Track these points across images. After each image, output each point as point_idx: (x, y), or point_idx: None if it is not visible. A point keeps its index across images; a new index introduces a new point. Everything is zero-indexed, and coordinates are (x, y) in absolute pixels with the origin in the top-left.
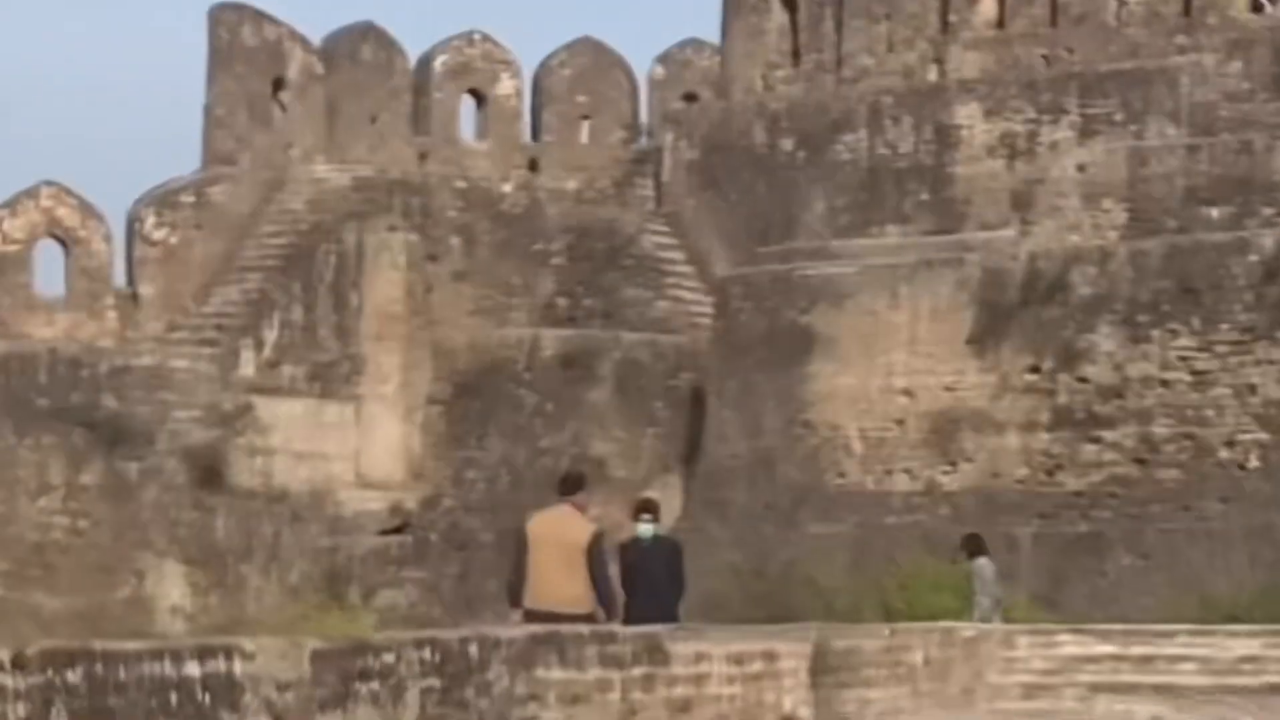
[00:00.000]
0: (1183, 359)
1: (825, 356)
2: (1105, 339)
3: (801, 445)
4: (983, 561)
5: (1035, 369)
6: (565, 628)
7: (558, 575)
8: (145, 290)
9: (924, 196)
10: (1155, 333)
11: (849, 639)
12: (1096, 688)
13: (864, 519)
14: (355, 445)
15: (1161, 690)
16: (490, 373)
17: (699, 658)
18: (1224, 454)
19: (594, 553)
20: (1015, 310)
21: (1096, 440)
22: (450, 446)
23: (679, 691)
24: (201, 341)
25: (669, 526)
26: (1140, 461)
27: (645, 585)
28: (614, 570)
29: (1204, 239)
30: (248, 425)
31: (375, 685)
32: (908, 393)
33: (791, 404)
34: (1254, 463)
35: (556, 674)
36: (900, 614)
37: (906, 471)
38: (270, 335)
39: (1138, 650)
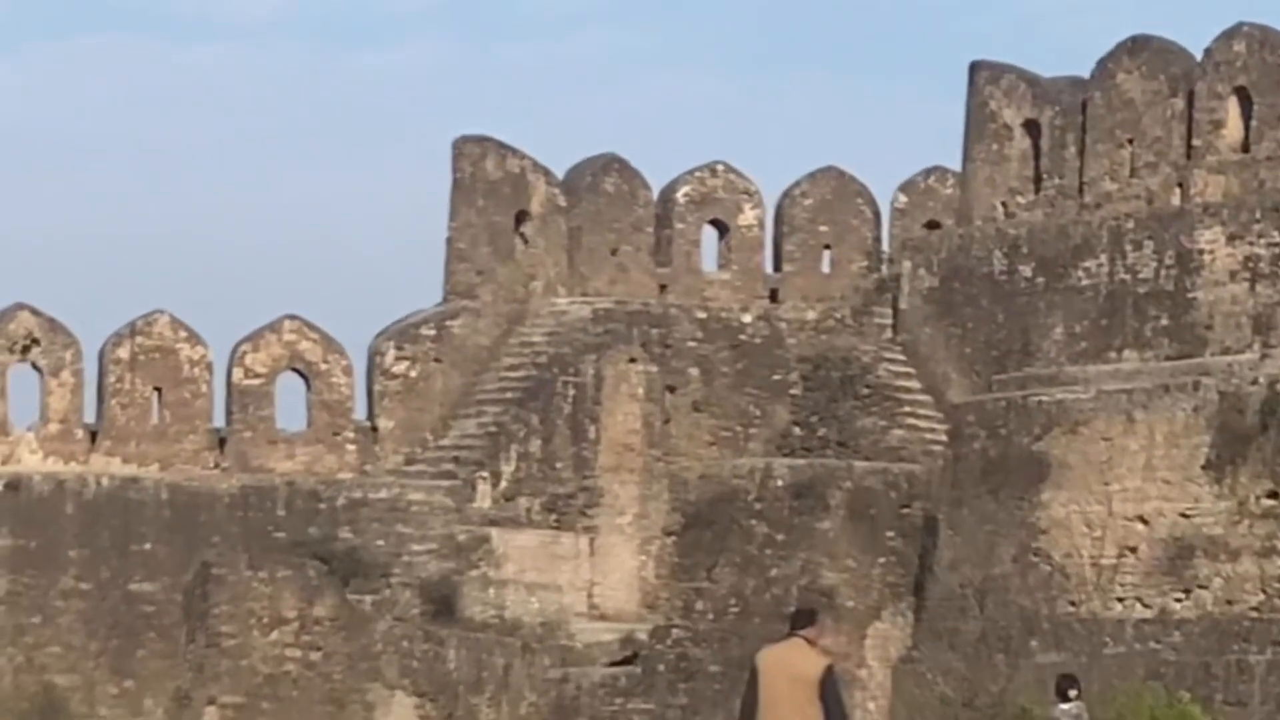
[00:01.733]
0: None
1: (1058, 483)
2: None
3: (1033, 573)
4: (1066, 708)
5: (1274, 494)
6: None
7: (788, 710)
8: (384, 423)
9: (1164, 321)
10: None
11: None
12: None
13: (1093, 648)
14: (589, 576)
15: None
16: (722, 503)
17: None
18: None
19: (827, 686)
20: (1254, 435)
21: None
22: (681, 576)
23: None
24: (439, 474)
25: (897, 657)
26: None
27: None
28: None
29: None
30: (482, 557)
31: None
32: (1143, 519)
33: (1023, 531)
34: None
35: None
36: None
37: (1139, 599)
38: (507, 467)
39: None
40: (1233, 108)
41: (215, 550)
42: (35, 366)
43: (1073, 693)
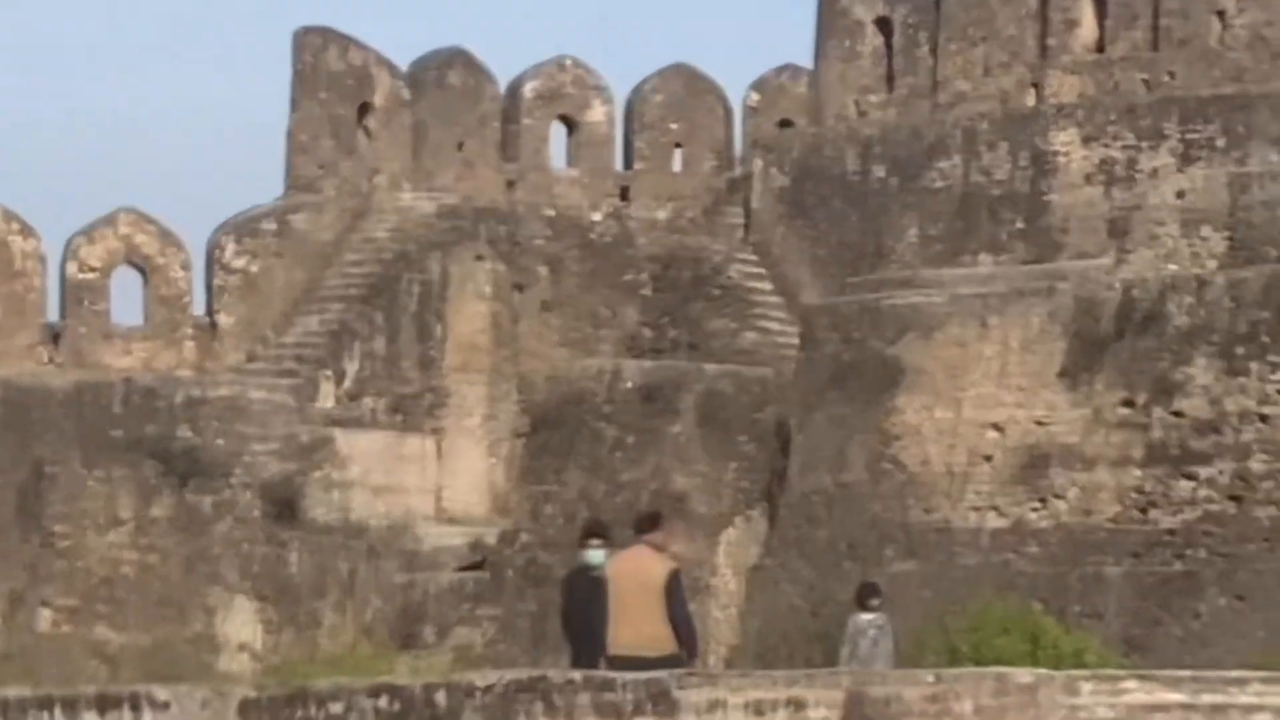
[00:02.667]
0: None
1: (912, 388)
2: (1202, 372)
3: (886, 480)
4: (869, 618)
5: (1129, 403)
6: (553, 672)
7: (638, 617)
8: (224, 319)
9: (1019, 225)
10: (1253, 365)
11: (887, 686)
12: None
13: (947, 557)
14: (436, 479)
15: None
16: (570, 405)
17: (712, 706)
18: None
19: (672, 591)
20: (1109, 341)
21: (1191, 477)
22: (529, 480)
23: None
24: (280, 372)
25: (751, 563)
26: (1236, 499)
27: (594, 621)
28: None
29: None
30: (326, 458)
31: None
32: (997, 427)
33: (876, 437)
34: None
35: None
36: (965, 658)
37: (993, 508)
38: (351, 366)
39: (1208, 699)
40: (1087, 8)
41: (49, 448)
42: None
43: (874, 601)
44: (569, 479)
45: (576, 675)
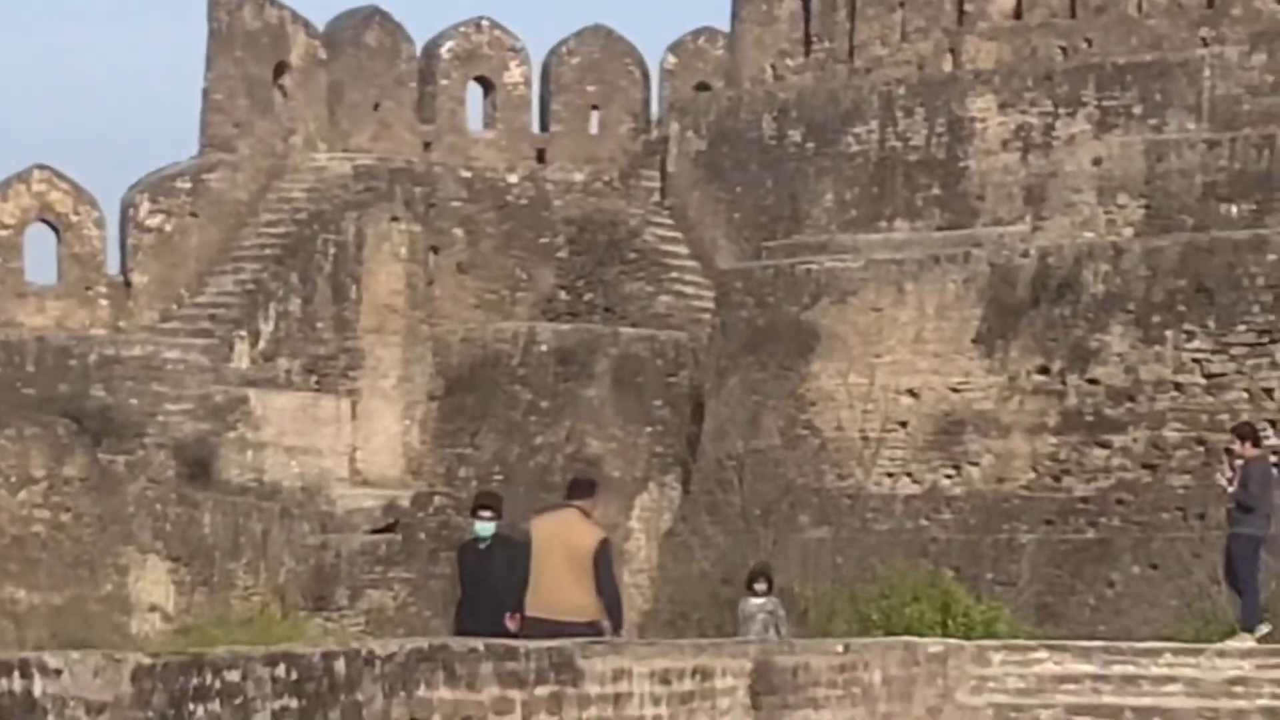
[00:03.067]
0: (1197, 361)
1: (827, 354)
2: (1117, 339)
3: (800, 446)
4: (758, 602)
5: (1044, 370)
6: (454, 642)
7: (566, 581)
8: (138, 278)
9: (935, 191)
10: (1169, 333)
11: (795, 655)
12: (1075, 710)
13: (860, 524)
14: (350, 441)
15: (1144, 714)
16: (485, 367)
17: (617, 675)
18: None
19: (601, 558)
20: (1024, 308)
21: (1105, 445)
22: (443, 442)
23: (593, 714)
24: (195, 332)
25: (665, 528)
26: (1150, 467)
27: (481, 594)
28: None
29: (1222, 237)
30: (240, 419)
31: (215, 707)
32: (912, 393)
33: (790, 403)
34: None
35: (443, 694)
36: (875, 626)
37: (908, 475)
38: (266, 327)
39: (1119, 670)
40: None
41: None
42: None
43: (760, 586)
44: (483, 442)
45: (479, 644)
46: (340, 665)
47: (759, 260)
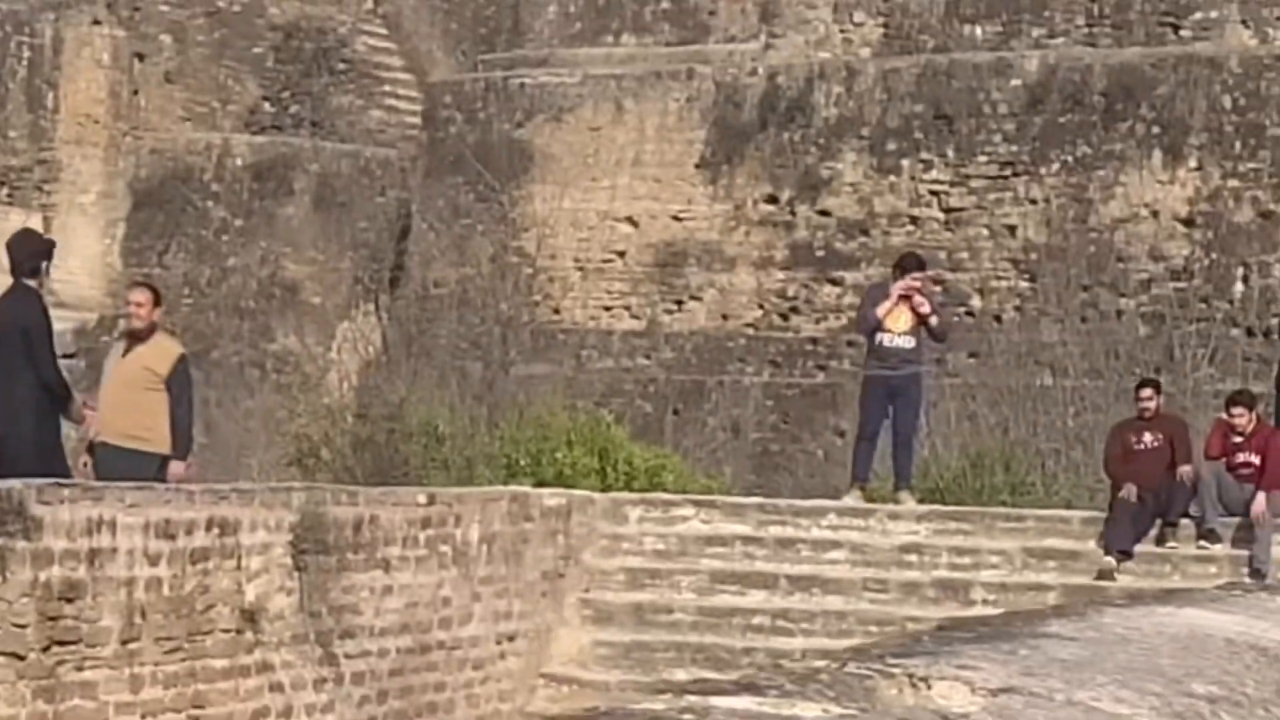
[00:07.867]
0: (934, 193)
1: (541, 177)
2: (850, 168)
3: (512, 275)
4: None
5: (773, 199)
6: None
7: (129, 404)
8: None
9: (664, 4)
10: (905, 163)
11: (358, 506)
12: (721, 577)
13: (577, 361)
14: None
15: (801, 584)
16: (175, 181)
17: (93, 527)
18: (976, 302)
19: (177, 381)
20: (752, 132)
21: (837, 282)
22: (130, 262)
23: (55, 574)
24: None
25: (365, 360)
26: None
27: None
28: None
29: (963, 59)
30: None
31: None
32: (631, 221)
33: (502, 228)
34: (1010, 314)
35: None
36: (523, 473)
37: (626, 309)
38: None
39: (775, 532)
40: None
41: None
42: None
43: None
44: (172, 262)
45: None
46: None
47: (472, 74)
